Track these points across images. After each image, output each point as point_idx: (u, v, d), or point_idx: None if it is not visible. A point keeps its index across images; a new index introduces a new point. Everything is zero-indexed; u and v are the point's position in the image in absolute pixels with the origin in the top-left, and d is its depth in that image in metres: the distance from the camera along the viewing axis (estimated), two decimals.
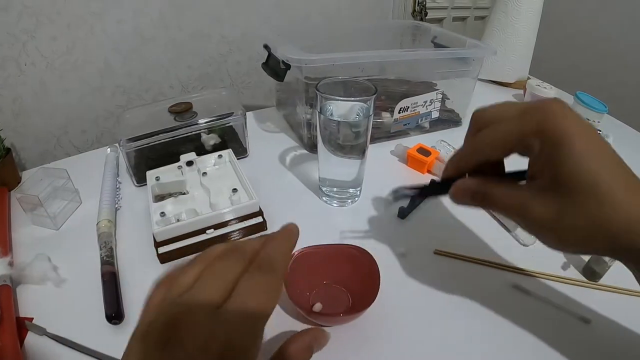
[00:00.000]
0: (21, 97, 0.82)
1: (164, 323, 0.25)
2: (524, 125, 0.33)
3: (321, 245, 0.49)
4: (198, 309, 0.26)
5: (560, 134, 0.31)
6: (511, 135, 0.34)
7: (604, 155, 0.31)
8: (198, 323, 0.25)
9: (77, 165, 0.70)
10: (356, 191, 0.64)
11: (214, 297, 0.26)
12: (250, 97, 1.15)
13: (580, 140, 0.31)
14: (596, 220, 0.31)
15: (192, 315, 0.25)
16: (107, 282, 0.48)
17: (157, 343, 0.24)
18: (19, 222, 0.60)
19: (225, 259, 0.30)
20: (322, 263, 0.48)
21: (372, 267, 0.46)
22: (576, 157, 0.30)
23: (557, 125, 0.31)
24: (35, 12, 0.76)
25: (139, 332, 0.26)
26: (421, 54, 0.78)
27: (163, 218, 0.54)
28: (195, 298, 0.26)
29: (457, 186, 0.38)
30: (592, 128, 0.32)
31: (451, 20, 1.65)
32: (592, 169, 0.30)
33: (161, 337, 0.24)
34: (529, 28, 1.01)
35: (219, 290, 0.27)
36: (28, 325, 0.45)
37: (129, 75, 0.93)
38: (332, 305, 0.46)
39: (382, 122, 0.79)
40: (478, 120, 0.39)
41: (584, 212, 0.31)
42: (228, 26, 1.00)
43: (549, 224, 0.33)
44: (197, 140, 0.70)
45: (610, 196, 0.30)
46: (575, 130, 0.31)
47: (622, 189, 0.30)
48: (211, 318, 0.25)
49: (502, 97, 1.02)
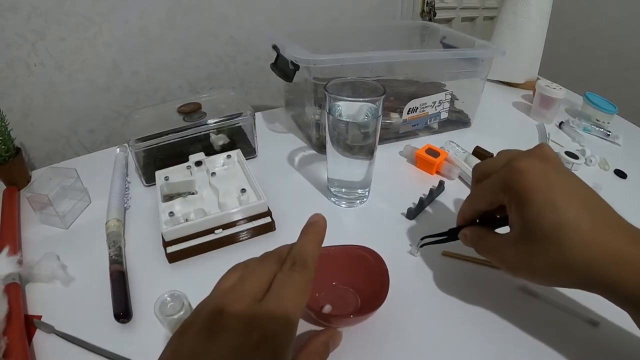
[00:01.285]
0: (30, 97, 0.82)
1: (209, 312, 0.28)
2: (496, 184, 0.40)
3: (330, 247, 0.49)
4: (240, 300, 0.29)
5: (522, 190, 0.37)
6: (489, 191, 0.41)
7: (567, 203, 0.35)
8: (240, 312, 0.28)
9: (86, 165, 0.70)
10: (365, 192, 0.63)
11: (254, 292, 0.30)
12: (259, 98, 1.15)
13: (539, 195, 0.36)
14: (559, 261, 0.35)
15: (235, 305, 0.28)
16: (115, 281, 0.48)
17: (201, 330, 0.27)
18: (28, 221, 0.60)
19: (262, 261, 0.34)
20: (331, 264, 0.47)
21: (381, 269, 0.46)
22: (536, 210, 0.36)
23: (520, 182, 0.37)
24: (43, 13, 0.77)
25: (182, 324, 0.29)
26: (430, 55, 0.78)
27: (172, 218, 0.54)
28: (238, 292, 0.30)
29: (461, 233, 0.47)
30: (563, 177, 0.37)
31: (460, 21, 1.64)
32: (551, 220, 0.35)
33: (206, 324, 0.28)
34: (538, 28, 1.00)
35: (258, 286, 0.30)
36: (36, 323, 0.45)
37: (137, 75, 0.93)
38: (341, 307, 0.46)
39: (390, 122, 0.79)
40: (475, 174, 0.46)
41: (547, 255, 0.35)
42: (235, 26, 1.00)
43: (520, 265, 0.39)
44: (206, 141, 0.71)
45: (569, 240, 0.34)
46: (538, 185, 0.36)
47: (585, 230, 0.34)
48: (251, 308, 0.28)
49: (511, 98, 1.02)
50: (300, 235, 0.35)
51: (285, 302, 0.29)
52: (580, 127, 0.88)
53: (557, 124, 0.90)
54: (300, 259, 0.32)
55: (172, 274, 0.52)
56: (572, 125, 0.88)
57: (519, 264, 0.38)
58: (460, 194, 0.66)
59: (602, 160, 0.77)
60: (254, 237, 0.56)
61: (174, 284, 0.44)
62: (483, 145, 0.74)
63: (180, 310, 0.40)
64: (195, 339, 0.27)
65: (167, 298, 0.41)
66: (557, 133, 0.87)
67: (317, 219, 0.37)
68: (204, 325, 0.27)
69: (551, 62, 1.14)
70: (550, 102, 0.88)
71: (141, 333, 0.44)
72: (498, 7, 1.60)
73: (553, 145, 0.81)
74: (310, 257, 0.33)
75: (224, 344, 0.26)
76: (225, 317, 0.27)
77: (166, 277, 0.51)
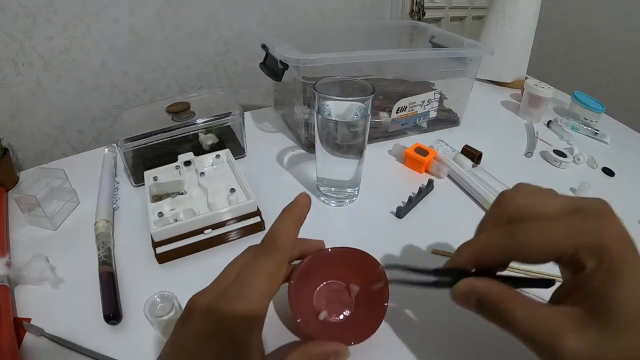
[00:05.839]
0: (18, 97, 0.82)
1: (188, 303, 0.32)
2: (578, 237, 0.28)
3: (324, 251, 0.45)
4: (209, 292, 0.32)
5: (617, 258, 0.27)
6: (561, 246, 0.29)
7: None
8: (204, 302, 0.31)
9: (74, 166, 0.70)
10: (354, 191, 0.64)
11: (221, 285, 0.32)
12: (248, 97, 1.15)
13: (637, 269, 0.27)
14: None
15: (203, 296, 0.32)
16: (105, 282, 0.48)
17: (178, 323, 0.32)
18: (16, 223, 0.59)
19: (244, 252, 0.36)
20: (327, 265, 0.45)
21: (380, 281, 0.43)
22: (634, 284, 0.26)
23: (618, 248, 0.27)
24: (31, 12, 0.76)
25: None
26: (419, 54, 0.78)
27: (161, 218, 0.54)
28: (211, 285, 0.34)
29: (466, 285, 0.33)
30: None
31: (449, 20, 1.66)
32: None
33: (181, 319, 0.32)
34: (527, 28, 1.01)
35: (227, 278, 0.33)
36: (26, 325, 0.44)
37: (126, 74, 0.93)
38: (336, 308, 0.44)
39: (379, 121, 0.79)
40: (509, 208, 0.33)
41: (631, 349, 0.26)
42: (224, 26, 1.00)
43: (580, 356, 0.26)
44: (195, 140, 0.70)
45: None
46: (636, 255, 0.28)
47: None
48: (213, 299, 0.31)
49: (500, 97, 1.03)
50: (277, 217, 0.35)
51: (245, 290, 0.31)
52: (568, 125, 0.89)
53: (546, 122, 0.91)
54: (269, 242, 0.33)
55: (161, 275, 0.51)
56: (560, 124, 0.89)
57: (579, 355, 0.26)
58: (449, 192, 0.67)
59: (590, 159, 0.78)
60: (243, 237, 0.56)
61: (164, 284, 0.44)
62: (472, 144, 0.75)
63: (170, 311, 0.39)
64: (176, 324, 0.32)
65: (157, 299, 0.41)
66: (546, 132, 0.88)
67: (298, 198, 0.36)
68: (180, 319, 0.32)
69: (539, 61, 1.15)
70: (539, 101, 0.89)
71: (131, 334, 0.44)
72: (487, 6, 1.62)
73: (541, 144, 0.82)
74: (283, 238, 0.33)
75: (188, 329, 0.30)
76: (193, 306, 0.32)
77: (156, 277, 0.51)
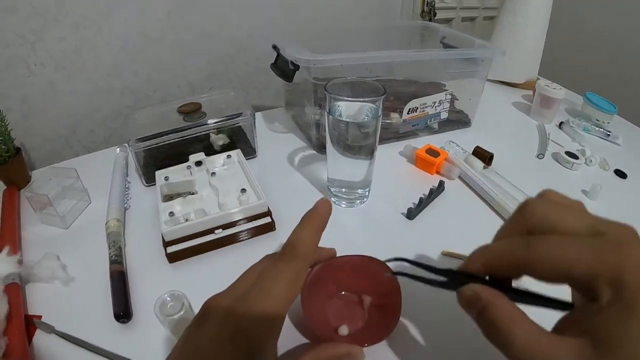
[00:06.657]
0: (30, 97, 0.82)
1: (203, 306, 0.32)
2: (595, 263, 0.26)
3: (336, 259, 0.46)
4: (227, 296, 0.32)
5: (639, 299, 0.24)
6: (577, 269, 0.26)
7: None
8: (222, 306, 0.30)
9: (86, 165, 0.70)
10: (365, 192, 0.63)
11: (240, 289, 0.31)
12: (259, 98, 1.15)
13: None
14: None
15: (221, 300, 0.31)
16: (115, 281, 0.48)
17: (192, 325, 0.31)
18: (28, 221, 0.60)
19: (264, 258, 0.35)
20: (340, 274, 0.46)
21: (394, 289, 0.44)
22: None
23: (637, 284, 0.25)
24: (42, 13, 0.77)
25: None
26: (430, 55, 0.78)
27: (172, 218, 0.54)
28: (229, 289, 0.33)
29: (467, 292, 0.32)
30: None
31: (460, 21, 1.64)
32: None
33: (198, 315, 0.31)
34: (538, 28, 1.00)
35: (246, 282, 0.32)
36: (36, 323, 0.45)
37: (137, 75, 0.93)
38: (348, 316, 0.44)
39: (390, 122, 0.79)
40: (531, 218, 0.31)
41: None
42: (235, 27, 1.00)
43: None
44: (206, 141, 0.71)
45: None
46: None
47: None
48: (232, 302, 0.30)
49: (511, 98, 1.02)
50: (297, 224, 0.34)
51: (265, 295, 0.30)
52: (580, 127, 0.88)
53: (557, 124, 0.90)
54: (289, 248, 0.32)
55: (172, 274, 0.51)
56: (572, 125, 0.88)
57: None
58: (460, 194, 0.66)
59: (602, 161, 0.77)
60: (254, 237, 0.56)
61: (174, 284, 0.44)
62: (483, 145, 0.74)
63: (180, 310, 0.40)
64: (189, 327, 0.31)
65: (167, 298, 0.41)
66: (557, 133, 0.87)
67: (318, 204, 0.35)
68: (196, 317, 0.31)
69: (551, 62, 1.14)
70: (550, 102, 0.88)
71: (141, 333, 0.44)
72: (498, 7, 1.61)
73: (553, 146, 0.81)
74: (303, 245, 0.32)
75: (204, 331, 0.29)
76: (210, 309, 0.31)
77: (166, 277, 0.51)
